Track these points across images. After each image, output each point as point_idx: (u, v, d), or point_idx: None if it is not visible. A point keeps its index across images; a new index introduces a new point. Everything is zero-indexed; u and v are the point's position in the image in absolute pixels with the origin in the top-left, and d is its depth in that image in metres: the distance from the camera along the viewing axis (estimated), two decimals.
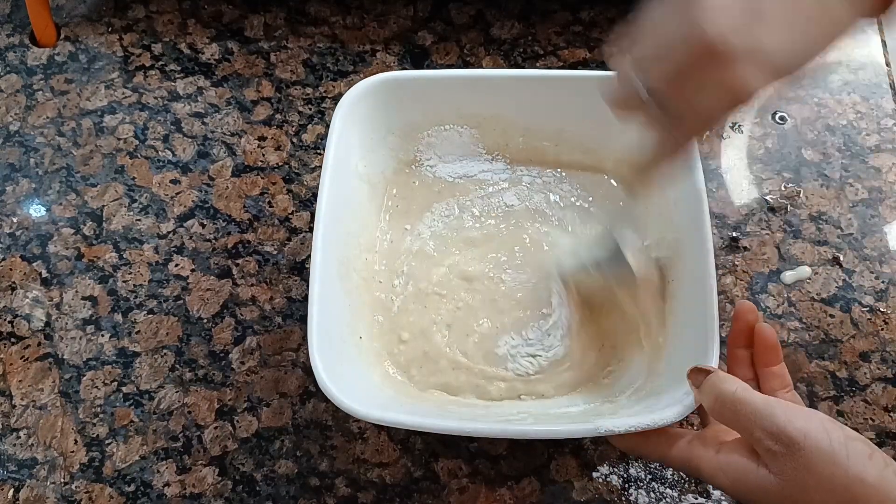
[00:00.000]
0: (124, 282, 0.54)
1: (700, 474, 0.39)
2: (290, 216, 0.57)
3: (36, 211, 0.57)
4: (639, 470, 0.48)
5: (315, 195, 0.54)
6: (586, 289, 0.50)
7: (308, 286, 0.44)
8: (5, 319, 0.53)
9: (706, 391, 0.38)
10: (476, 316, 0.50)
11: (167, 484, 0.48)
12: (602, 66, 0.62)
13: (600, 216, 0.54)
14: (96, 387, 0.51)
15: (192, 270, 0.55)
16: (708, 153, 0.59)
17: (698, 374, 0.39)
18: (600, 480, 0.48)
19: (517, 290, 0.51)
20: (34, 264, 0.55)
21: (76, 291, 0.54)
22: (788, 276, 0.54)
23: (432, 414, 0.46)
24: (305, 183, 0.58)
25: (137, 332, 0.53)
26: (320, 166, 0.50)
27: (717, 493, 0.47)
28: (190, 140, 0.60)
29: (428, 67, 0.63)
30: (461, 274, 0.52)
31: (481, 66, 0.62)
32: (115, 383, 0.51)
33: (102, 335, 0.53)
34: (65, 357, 0.52)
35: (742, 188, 0.57)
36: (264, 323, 0.53)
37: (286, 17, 0.65)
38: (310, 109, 0.61)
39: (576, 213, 0.54)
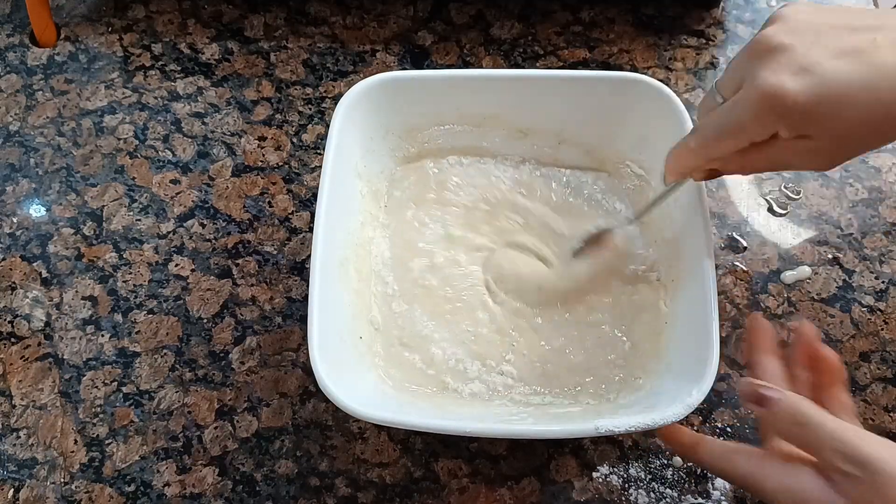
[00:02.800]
0: (124, 282, 0.54)
1: (762, 492, 0.38)
2: (290, 216, 0.57)
3: (36, 211, 0.57)
4: (639, 470, 0.48)
5: (315, 195, 0.54)
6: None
7: (308, 286, 0.44)
8: (5, 319, 0.53)
9: (784, 412, 0.37)
10: (476, 316, 0.50)
11: (167, 484, 0.48)
12: (602, 65, 0.62)
13: (598, 212, 0.54)
14: (96, 387, 0.51)
15: (192, 270, 0.55)
16: None
17: (764, 396, 0.38)
18: (600, 480, 0.48)
19: (520, 290, 0.51)
20: (34, 264, 0.55)
21: (76, 291, 0.54)
22: (788, 276, 0.54)
23: (432, 414, 0.46)
24: (305, 183, 0.58)
25: (137, 332, 0.53)
26: (320, 166, 0.50)
27: (716, 494, 0.47)
28: (190, 140, 0.60)
29: (428, 67, 0.63)
30: (462, 273, 0.52)
31: (481, 66, 0.62)
32: (115, 383, 0.51)
33: (102, 335, 0.53)
34: (65, 357, 0.52)
35: (742, 188, 0.57)
36: (264, 323, 0.53)
37: (286, 17, 0.65)
38: (310, 109, 0.61)
39: (576, 209, 0.54)
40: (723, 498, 0.47)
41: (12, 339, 0.52)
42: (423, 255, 0.52)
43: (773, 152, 0.37)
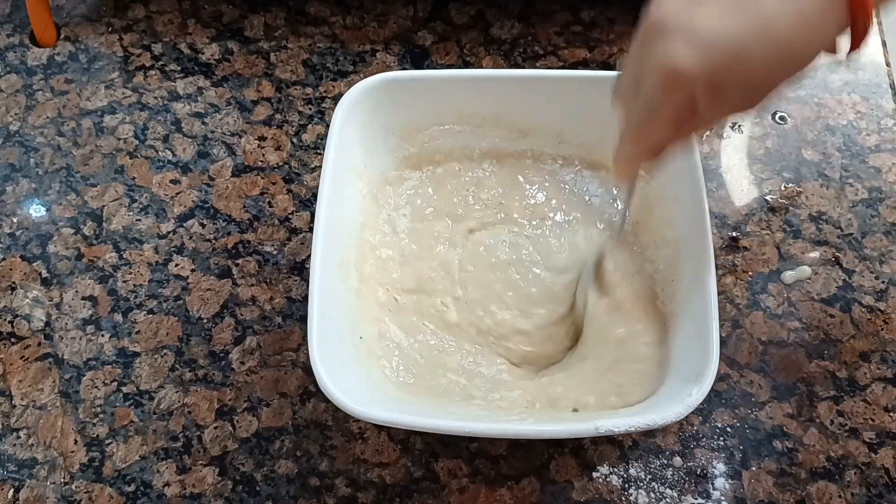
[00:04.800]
0: (124, 282, 0.54)
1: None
2: (290, 216, 0.57)
3: (36, 211, 0.57)
4: (639, 470, 0.48)
5: (315, 195, 0.54)
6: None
7: (308, 286, 0.44)
8: (5, 319, 0.53)
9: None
10: (476, 317, 0.50)
11: (167, 484, 0.48)
12: (602, 66, 0.62)
13: (600, 213, 0.54)
14: (96, 387, 0.51)
15: (192, 270, 0.55)
16: (708, 153, 0.59)
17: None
18: (600, 480, 0.48)
19: (520, 291, 0.51)
20: (34, 264, 0.55)
21: (76, 291, 0.54)
22: (788, 276, 0.54)
23: (432, 414, 0.46)
24: (305, 183, 0.58)
25: (137, 332, 0.53)
26: (320, 166, 0.50)
27: (716, 494, 0.47)
28: (190, 140, 0.60)
29: (428, 67, 0.63)
30: (462, 273, 0.52)
31: (481, 66, 0.62)
32: (115, 383, 0.51)
33: (102, 335, 0.53)
34: (65, 357, 0.52)
35: (742, 188, 0.57)
36: (264, 323, 0.53)
37: (286, 17, 0.65)
38: (310, 109, 0.61)
39: (577, 211, 0.54)
40: (723, 498, 0.47)
41: (12, 339, 0.52)
42: (422, 255, 0.52)
43: (700, 116, 0.38)
